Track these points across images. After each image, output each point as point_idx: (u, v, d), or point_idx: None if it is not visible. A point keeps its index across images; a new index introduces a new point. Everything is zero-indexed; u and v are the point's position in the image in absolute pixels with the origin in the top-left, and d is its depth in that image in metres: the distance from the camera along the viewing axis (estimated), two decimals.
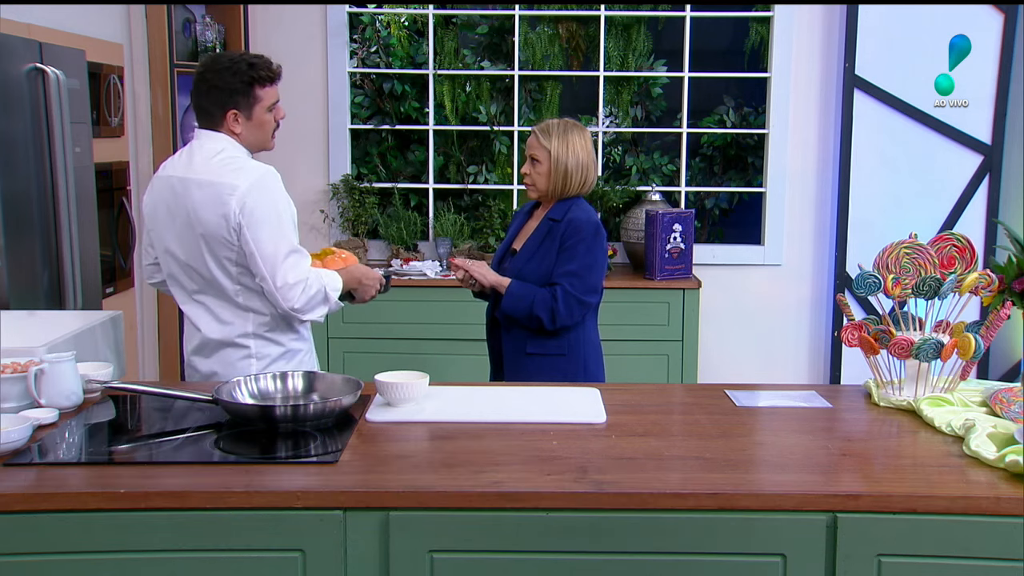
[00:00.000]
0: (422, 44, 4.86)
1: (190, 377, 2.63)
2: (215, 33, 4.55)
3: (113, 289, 4.03)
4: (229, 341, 2.50)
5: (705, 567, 1.69)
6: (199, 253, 2.43)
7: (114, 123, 4.03)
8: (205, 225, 2.39)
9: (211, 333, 2.51)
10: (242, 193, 2.36)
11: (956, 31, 4.53)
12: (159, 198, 2.48)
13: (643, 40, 4.84)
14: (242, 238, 2.37)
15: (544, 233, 2.85)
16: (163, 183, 2.48)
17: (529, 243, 2.87)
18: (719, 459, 1.85)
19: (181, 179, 2.43)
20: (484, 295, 2.97)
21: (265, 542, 1.67)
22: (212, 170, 2.40)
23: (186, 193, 2.41)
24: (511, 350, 2.84)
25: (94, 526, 1.66)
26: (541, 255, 2.83)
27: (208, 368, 2.54)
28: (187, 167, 2.44)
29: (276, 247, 2.38)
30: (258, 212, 2.37)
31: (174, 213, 2.44)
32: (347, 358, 4.34)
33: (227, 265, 2.43)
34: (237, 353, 2.51)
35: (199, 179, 2.40)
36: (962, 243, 2.26)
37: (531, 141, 2.91)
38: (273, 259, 2.38)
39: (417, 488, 1.69)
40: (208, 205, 2.37)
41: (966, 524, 1.67)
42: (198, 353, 2.56)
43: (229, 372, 2.47)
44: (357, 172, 4.94)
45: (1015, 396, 2.12)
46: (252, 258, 2.38)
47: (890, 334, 2.22)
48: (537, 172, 2.88)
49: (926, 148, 4.61)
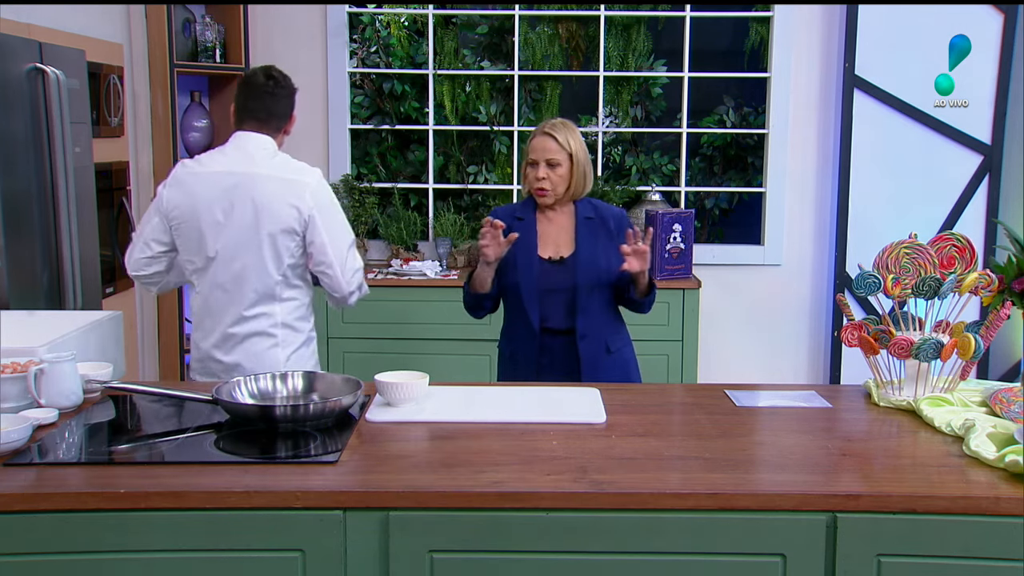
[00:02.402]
0: (422, 44, 4.86)
1: (210, 371, 2.68)
2: (215, 33, 4.55)
3: (113, 289, 4.03)
4: (259, 331, 2.63)
5: (705, 567, 1.69)
6: (255, 244, 2.58)
7: (114, 123, 4.03)
8: (275, 216, 2.57)
9: (239, 326, 2.62)
10: (313, 188, 2.61)
11: (956, 31, 4.53)
12: (205, 192, 2.60)
13: (643, 40, 4.84)
14: (312, 228, 2.60)
15: (590, 233, 2.78)
16: (212, 179, 2.60)
17: (584, 247, 2.77)
18: (719, 459, 1.85)
19: (244, 174, 2.59)
20: (476, 298, 2.83)
21: (265, 542, 1.68)
22: (278, 167, 2.62)
23: (253, 186, 2.58)
24: (591, 353, 2.75)
25: (94, 526, 1.66)
26: (601, 254, 2.77)
27: (232, 359, 2.64)
28: (248, 163, 2.61)
29: (344, 237, 2.67)
30: (327, 205, 2.64)
31: (232, 205, 2.57)
32: (347, 358, 4.34)
33: (283, 255, 2.61)
34: (265, 343, 2.64)
35: (268, 174, 2.60)
36: (962, 243, 2.26)
37: (546, 144, 2.77)
38: (342, 247, 2.65)
39: (417, 488, 1.69)
40: (281, 198, 2.58)
41: (966, 524, 1.67)
42: (220, 347, 2.65)
43: (255, 363, 2.60)
44: (357, 172, 4.94)
45: (1015, 396, 2.13)
46: (321, 247, 2.62)
47: (890, 334, 2.22)
48: (557, 175, 2.77)
49: (926, 148, 4.61)
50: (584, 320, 2.75)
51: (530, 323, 2.77)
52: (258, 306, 2.63)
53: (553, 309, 2.77)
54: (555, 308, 2.77)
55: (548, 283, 2.77)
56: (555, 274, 2.78)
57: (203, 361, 2.70)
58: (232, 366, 2.62)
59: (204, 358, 2.69)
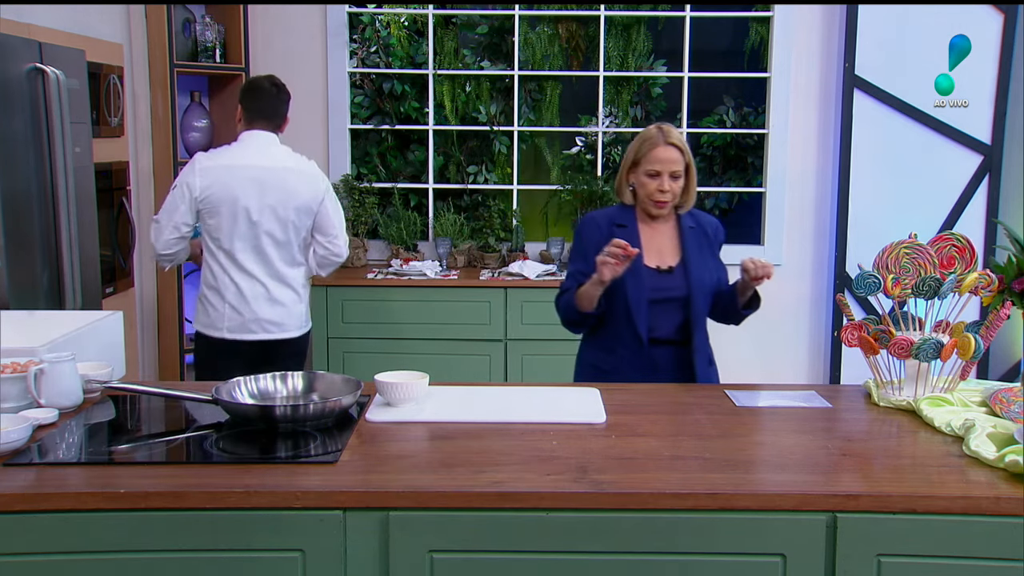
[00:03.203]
0: (422, 44, 4.86)
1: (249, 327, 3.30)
2: (215, 33, 4.55)
3: (113, 289, 4.03)
4: (292, 288, 3.35)
5: (705, 567, 1.69)
6: (284, 219, 3.26)
7: (114, 123, 4.03)
8: (300, 199, 3.27)
9: (279, 286, 3.31)
10: (322, 179, 3.36)
11: (956, 31, 4.53)
12: (238, 185, 3.20)
13: (643, 40, 4.84)
14: (322, 208, 3.33)
15: (695, 242, 2.72)
16: (242, 173, 3.22)
17: (693, 257, 2.68)
18: (719, 459, 1.85)
19: (269, 168, 3.24)
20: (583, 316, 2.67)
21: (265, 542, 1.68)
22: (296, 162, 3.32)
23: (282, 179, 3.25)
24: (702, 364, 2.68)
25: (94, 526, 1.66)
26: (708, 264, 2.72)
27: (272, 315, 3.31)
28: (269, 158, 3.27)
29: (342, 215, 3.43)
30: (332, 192, 3.39)
31: (266, 193, 3.22)
32: (347, 358, 4.34)
33: (301, 229, 3.32)
34: (296, 298, 3.37)
35: (291, 167, 3.29)
36: (962, 243, 2.26)
37: (671, 155, 2.64)
38: (341, 222, 3.40)
39: (417, 488, 1.69)
40: (304, 185, 3.29)
41: (966, 524, 1.67)
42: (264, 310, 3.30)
43: (288, 318, 3.34)
44: (357, 172, 4.94)
45: (1015, 396, 2.12)
46: (328, 220, 3.35)
47: (890, 334, 2.22)
48: (679, 186, 2.68)
49: (926, 148, 4.62)
50: (699, 331, 2.66)
51: (638, 335, 2.62)
52: (283, 269, 3.31)
53: (661, 320, 2.65)
54: (663, 319, 2.65)
55: (657, 293, 2.64)
56: (664, 284, 2.66)
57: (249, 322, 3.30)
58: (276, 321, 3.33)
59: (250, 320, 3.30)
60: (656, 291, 2.65)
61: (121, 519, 1.66)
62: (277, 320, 3.31)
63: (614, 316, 2.67)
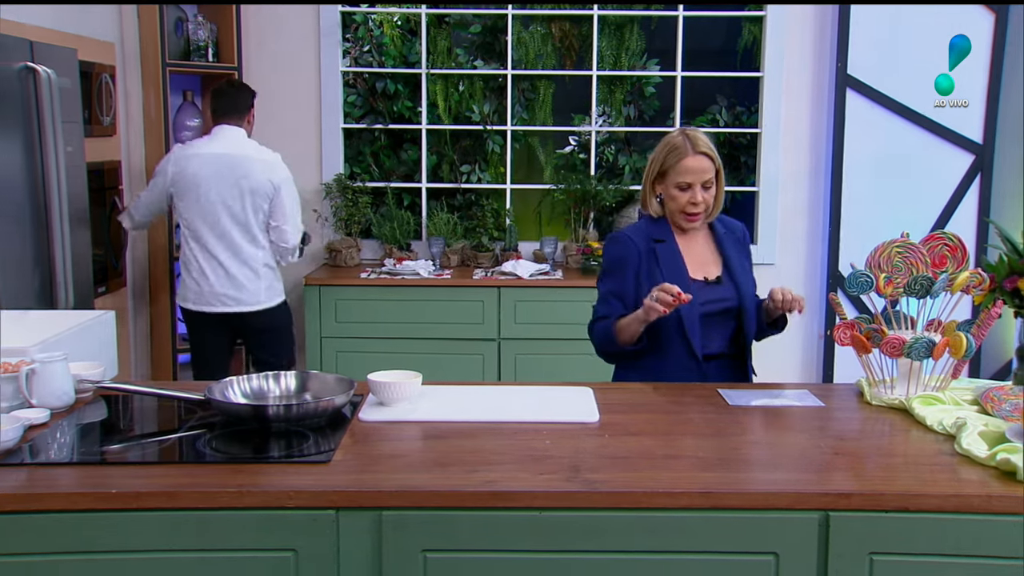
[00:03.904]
0: (415, 43, 4.86)
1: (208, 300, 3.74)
2: (207, 32, 4.54)
3: (105, 289, 4.02)
4: (250, 267, 3.74)
5: (698, 566, 1.69)
6: (241, 200, 3.68)
7: (106, 122, 4.02)
8: (255, 181, 3.69)
9: (236, 264, 3.72)
10: (281, 168, 3.77)
11: (947, 31, 4.54)
12: (199, 169, 3.66)
13: (636, 39, 4.84)
14: (276, 198, 3.74)
15: (733, 249, 2.62)
16: (204, 159, 3.68)
17: (736, 265, 2.59)
18: (712, 458, 1.85)
19: (229, 155, 3.69)
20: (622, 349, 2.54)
21: (257, 542, 1.67)
22: (255, 150, 3.76)
23: (239, 165, 3.68)
24: (751, 373, 2.65)
25: (86, 526, 1.65)
26: (747, 269, 2.63)
27: (229, 291, 3.72)
28: (230, 147, 3.72)
29: (297, 208, 3.83)
30: (288, 182, 3.79)
31: (223, 177, 3.66)
32: (340, 357, 4.33)
33: (259, 213, 3.73)
34: (254, 276, 3.75)
35: (251, 155, 3.73)
36: (953, 242, 2.27)
37: (702, 165, 2.50)
38: (293, 214, 3.79)
39: (410, 487, 1.69)
40: (261, 172, 3.71)
41: (958, 522, 1.67)
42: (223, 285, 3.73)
43: (245, 295, 3.75)
44: (350, 171, 4.93)
45: (1006, 395, 2.13)
46: (280, 208, 3.75)
47: (882, 333, 2.23)
48: (711, 196, 2.55)
49: (918, 147, 4.63)
50: (750, 341, 2.57)
51: (692, 351, 2.49)
52: (246, 248, 3.73)
53: (713, 334, 2.54)
54: (715, 332, 2.54)
55: (709, 306, 2.51)
56: (715, 296, 2.54)
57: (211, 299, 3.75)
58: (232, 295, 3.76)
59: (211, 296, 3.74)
60: (708, 304, 2.51)
61: (113, 519, 1.65)
62: (233, 295, 3.73)
63: (665, 335, 2.50)
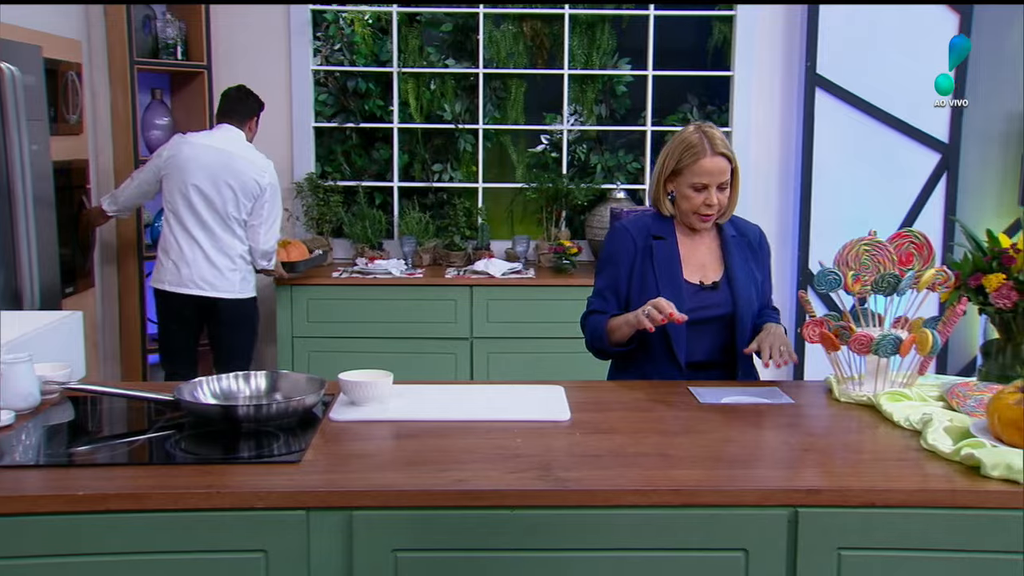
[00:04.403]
0: (386, 42, 4.84)
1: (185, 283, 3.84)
2: (176, 30, 4.49)
3: (73, 289, 3.97)
4: (228, 256, 3.87)
5: (669, 563, 1.70)
6: (223, 194, 3.82)
7: (72, 120, 3.97)
8: (241, 179, 3.84)
9: (215, 251, 3.84)
10: (270, 174, 3.91)
11: (914, 30, 4.59)
12: (192, 156, 3.82)
13: (607, 39, 4.86)
14: (260, 199, 3.87)
15: (740, 254, 2.53)
16: (198, 148, 3.84)
17: (738, 271, 2.50)
18: (682, 455, 1.86)
19: (223, 150, 3.84)
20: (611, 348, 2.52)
21: (227, 543, 1.66)
22: (249, 151, 3.92)
23: (231, 161, 3.83)
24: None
25: (52, 529, 1.63)
26: (753, 277, 2.53)
27: (206, 275, 3.84)
28: (226, 143, 3.88)
29: (276, 215, 3.97)
30: (274, 188, 3.93)
31: (214, 168, 3.81)
32: (312, 357, 4.31)
33: (241, 210, 3.86)
34: (231, 264, 3.87)
35: (243, 156, 3.88)
36: (920, 240, 2.30)
37: (720, 166, 2.42)
38: (271, 220, 3.93)
39: (381, 487, 1.68)
40: (248, 171, 3.85)
41: (923, 516, 1.69)
42: (201, 269, 3.83)
43: (221, 281, 3.86)
44: (321, 170, 4.91)
45: (971, 390, 2.16)
46: (259, 211, 3.88)
47: (850, 330, 2.25)
48: (725, 196, 2.47)
49: (886, 146, 4.68)
50: (742, 352, 2.45)
51: (676, 359, 2.43)
52: (225, 239, 3.84)
53: (701, 341, 2.46)
54: (703, 340, 2.46)
55: (699, 312, 2.43)
56: (706, 301, 2.46)
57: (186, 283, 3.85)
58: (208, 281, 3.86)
59: (188, 281, 3.84)
60: (697, 310, 2.43)
61: (80, 522, 1.63)
62: (211, 280, 3.84)
63: (650, 339, 2.43)
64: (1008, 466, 1.72)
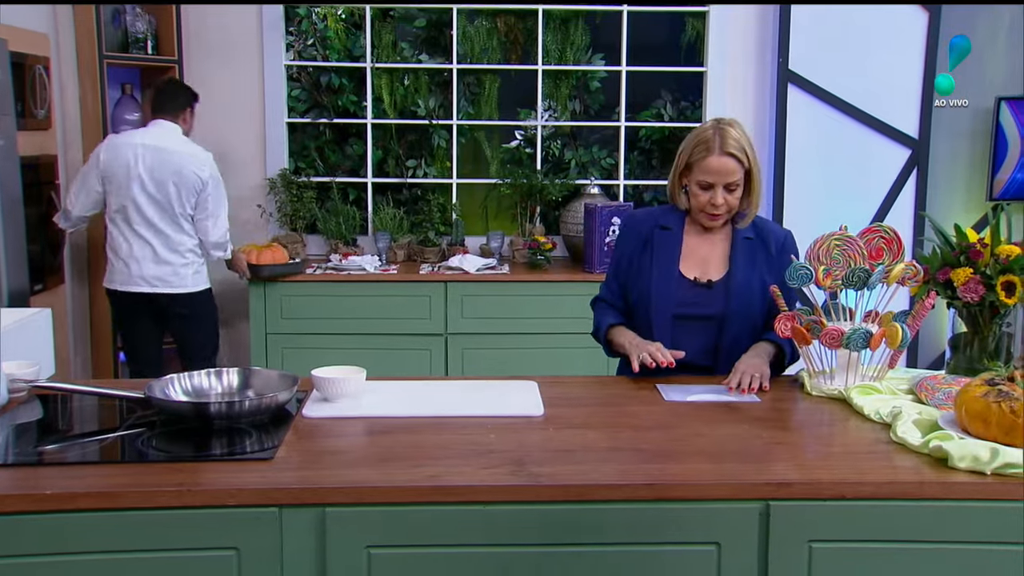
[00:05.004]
0: (359, 37, 4.82)
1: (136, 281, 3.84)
2: (146, 24, 4.45)
3: (42, 286, 3.93)
4: (178, 252, 3.86)
5: (642, 558, 1.71)
6: (167, 191, 3.79)
7: (40, 115, 3.92)
8: (182, 174, 3.80)
9: (164, 249, 3.82)
10: (209, 166, 3.89)
11: (885, 27, 4.64)
12: (131, 156, 3.77)
13: (581, 34, 4.86)
14: (203, 193, 3.85)
15: (748, 255, 2.45)
16: (136, 148, 3.78)
17: (740, 270, 2.43)
18: (655, 450, 1.87)
19: (160, 148, 3.80)
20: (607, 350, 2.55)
21: (199, 541, 1.65)
22: (185, 145, 3.87)
23: (169, 157, 3.80)
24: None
25: (20, 529, 1.61)
26: (757, 281, 2.44)
27: (157, 273, 3.84)
28: (162, 139, 3.83)
29: (223, 205, 3.95)
30: (215, 180, 3.90)
31: (153, 166, 3.77)
32: (286, 354, 4.29)
33: (186, 205, 3.84)
34: (181, 260, 3.87)
35: (180, 150, 3.84)
36: (889, 235, 2.32)
37: (726, 166, 2.34)
38: (216, 210, 3.91)
39: (354, 484, 1.68)
40: (188, 166, 3.82)
41: (892, 508, 1.71)
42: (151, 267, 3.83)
43: (172, 277, 3.86)
44: (294, 166, 4.88)
45: (939, 384, 2.18)
46: (204, 204, 3.86)
47: (821, 324, 2.27)
48: (735, 198, 2.39)
49: (857, 142, 4.72)
50: (728, 355, 2.38)
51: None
52: (174, 236, 3.84)
53: (688, 339, 2.40)
54: (690, 338, 2.41)
55: (687, 308, 2.41)
56: (698, 299, 2.41)
57: (135, 280, 3.84)
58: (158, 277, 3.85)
59: (137, 277, 3.83)
60: (685, 305, 2.40)
61: (48, 521, 1.62)
62: (161, 277, 3.85)
63: (637, 328, 2.43)
64: (975, 458, 1.74)
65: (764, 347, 2.42)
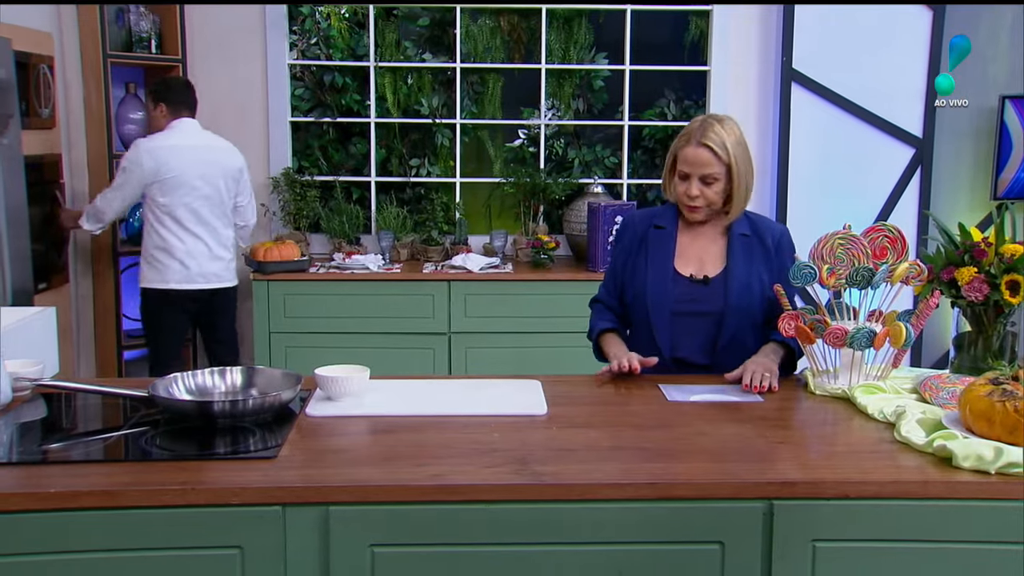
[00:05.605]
0: (363, 36, 4.82)
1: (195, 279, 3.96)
2: (150, 23, 4.45)
3: (47, 285, 3.93)
4: (226, 247, 4.04)
5: (645, 556, 1.71)
6: (218, 187, 3.97)
7: (45, 114, 3.93)
8: (227, 169, 4.02)
9: (216, 244, 3.99)
10: (239, 153, 4.11)
11: (888, 26, 4.63)
12: (183, 161, 3.88)
13: (584, 33, 4.86)
14: (242, 179, 4.11)
15: (745, 252, 2.45)
16: (184, 151, 3.90)
17: (738, 266, 2.43)
18: (658, 449, 1.87)
19: (202, 146, 3.98)
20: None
21: (202, 540, 1.65)
22: (219, 141, 4.07)
23: (212, 154, 3.99)
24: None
25: (24, 528, 1.61)
26: (755, 278, 2.43)
27: (214, 268, 4.00)
28: (200, 138, 4.01)
29: (252, 188, 4.22)
30: (246, 165, 4.15)
31: (204, 166, 3.93)
32: (289, 352, 4.29)
33: (232, 196, 4.06)
34: (229, 254, 4.07)
35: (218, 145, 4.05)
36: (893, 234, 2.31)
37: (699, 157, 2.35)
38: (252, 193, 4.19)
39: (357, 482, 1.68)
40: (230, 158, 4.05)
41: (896, 508, 1.70)
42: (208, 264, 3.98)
43: (225, 271, 4.05)
44: (298, 165, 4.88)
45: (943, 383, 2.18)
46: (247, 188, 4.14)
47: (825, 323, 2.26)
48: (714, 192, 2.38)
49: (861, 141, 4.71)
50: (727, 353, 2.39)
51: (659, 349, 2.40)
52: (222, 231, 4.01)
53: (687, 336, 2.41)
54: (689, 335, 2.42)
55: (686, 305, 2.41)
56: (696, 295, 2.41)
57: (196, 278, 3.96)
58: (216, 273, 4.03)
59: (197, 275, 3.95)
60: (683, 302, 2.41)
61: (52, 520, 1.62)
62: (217, 272, 3.99)
63: (635, 327, 2.45)
64: (979, 457, 1.74)
65: (773, 348, 2.42)
